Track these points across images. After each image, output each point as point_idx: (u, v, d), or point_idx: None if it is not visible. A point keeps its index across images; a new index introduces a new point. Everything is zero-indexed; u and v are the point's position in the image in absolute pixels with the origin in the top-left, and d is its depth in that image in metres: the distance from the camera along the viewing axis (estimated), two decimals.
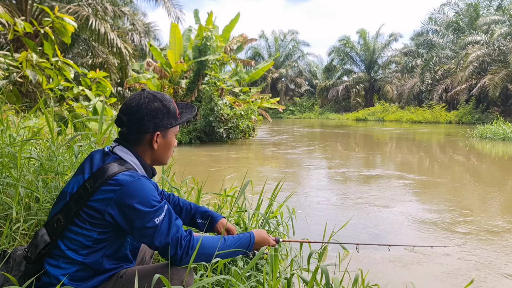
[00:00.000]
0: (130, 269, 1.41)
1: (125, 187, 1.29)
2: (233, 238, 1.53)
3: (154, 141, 1.45)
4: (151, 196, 1.32)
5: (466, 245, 3.37)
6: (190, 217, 1.82)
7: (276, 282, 1.73)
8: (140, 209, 1.29)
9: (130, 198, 1.29)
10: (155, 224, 1.30)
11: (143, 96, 1.43)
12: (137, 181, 1.32)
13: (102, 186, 1.30)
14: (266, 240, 1.64)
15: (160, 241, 1.32)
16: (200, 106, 13.70)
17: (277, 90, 46.41)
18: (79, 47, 17.37)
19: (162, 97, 1.46)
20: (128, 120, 1.40)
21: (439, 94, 29.94)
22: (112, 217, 1.31)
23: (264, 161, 9.21)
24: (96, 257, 1.34)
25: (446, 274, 2.78)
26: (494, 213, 4.48)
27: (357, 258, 2.99)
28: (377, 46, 40.20)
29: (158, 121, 1.42)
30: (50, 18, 4.06)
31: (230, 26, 15.98)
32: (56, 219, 1.33)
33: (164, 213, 1.34)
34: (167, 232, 1.33)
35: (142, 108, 1.40)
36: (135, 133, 1.42)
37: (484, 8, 30.17)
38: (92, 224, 1.31)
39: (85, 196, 1.31)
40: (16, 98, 4.67)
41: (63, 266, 1.31)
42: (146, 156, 1.48)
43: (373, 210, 4.56)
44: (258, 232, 1.65)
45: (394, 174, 7.18)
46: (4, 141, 2.82)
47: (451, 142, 14.37)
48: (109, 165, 1.35)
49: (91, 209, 1.30)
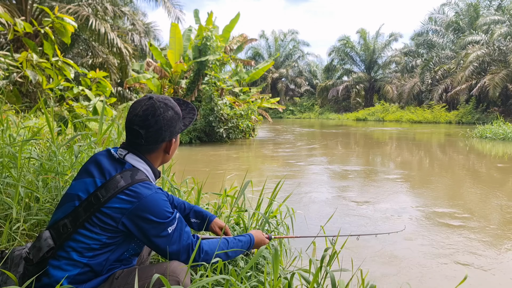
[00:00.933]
0: (126, 270, 1.40)
1: (143, 199, 1.32)
2: (236, 241, 1.61)
3: (170, 147, 1.50)
4: (165, 208, 1.37)
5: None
6: (183, 216, 1.86)
7: (278, 282, 1.73)
8: (155, 220, 1.33)
9: (147, 211, 1.33)
10: (168, 233, 1.37)
11: (157, 107, 1.41)
12: (155, 194, 1.35)
13: (118, 194, 1.31)
14: (262, 240, 1.75)
15: (172, 248, 1.38)
16: (200, 106, 13.70)
17: (277, 90, 46.42)
18: (79, 47, 17.38)
19: (171, 103, 1.47)
20: (146, 133, 1.40)
21: (439, 94, 29.95)
22: (126, 227, 1.32)
23: (264, 161, 9.21)
24: (100, 259, 1.33)
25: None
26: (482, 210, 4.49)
27: (349, 252, 2.99)
28: (377, 46, 40.22)
29: (173, 129, 1.46)
30: (50, 18, 4.06)
31: (230, 26, 15.98)
32: (62, 224, 1.32)
33: (176, 222, 1.40)
34: (178, 240, 1.39)
35: (159, 120, 1.40)
36: (153, 143, 1.43)
37: (484, 8, 30.18)
38: (103, 228, 1.31)
39: (96, 205, 1.31)
40: (16, 98, 4.67)
41: (65, 268, 1.29)
42: (158, 161, 1.52)
43: (369, 208, 4.56)
44: (256, 233, 1.74)
45: (394, 174, 7.18)
46: (4, 141, 2.82)
47: (450, 142, 14.37)
48: (122, 175, 1.36)
49: (105, 216, 1.30)
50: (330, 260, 1.84)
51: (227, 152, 10.82)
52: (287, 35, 47.95)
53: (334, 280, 1.63)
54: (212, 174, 6.61)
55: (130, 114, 1.42)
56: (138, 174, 1.38)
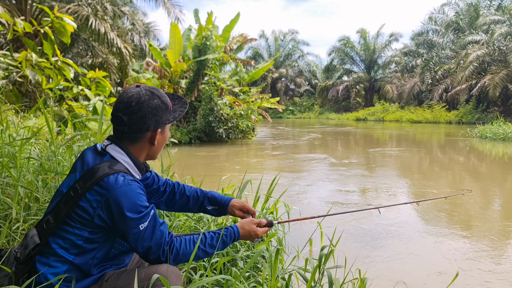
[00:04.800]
0: (117, 272, 1.37)
1: (112, 191, 1.27)
2: (216, 236, 1.48)
3: (155, 138, 1.43)
4: (138, 201, 1.30)
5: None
6: (199, 205, 1.77)
7: (276, 283, 1.73)
8: (126, 215, 1.27)
9: (117, 203, 1.27)
10: (139, 230, 1.30)
11: (142, 94, 1.38)
12: (126, 186, 1.29)
13: (93, 186, 1.28)
14: (253, 231, 1.57)
15: (143, 246, 1.31)
16: (200, 106, 13.69)
17: (277, 90, 46.36)
18: (78, 47, 17.35)
19: (159, 93, 1.43)
20: (129, 120, 1.36)
21: (439, 94, 29.92)
22: (102, 220, 1.29)
23: (264, 161, 9.21)
24: (86, 258, 1.32)
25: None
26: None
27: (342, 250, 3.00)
28: (377, 46, 40.18)
29: (159, 118, 1.40)
30: (50, 18, 4.06)
31: (230, 26, 15.98)
32: (46, 220, 1.32)
33: (149, 219, 1.32)
34: (150, 238, 1.32)
35: (143, 106, 1.36)
36: (137, 132, 1.38)
37: (484, 8, 30.14)
38: (83, 223, 1.29)
39: (75, 198, 1.29)
40: (15, 98, 4.67)
41: (53, 264, 1.29)
42: (143, 153, 1.45)
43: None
44: (243, 224, 1.57)
45: (394, 174, 7.19)
46: (4, 141, 2.82)
47: (450, 142, 14.37)
48: (99, 166, 1.32)
49: (82, 210, 1.28)
50: (327, 258, 1.86)
51: (227, 152, 10.81)
52: (287, 35, 47.91)
53: (331, 278, 1.67)
54: (212, 174, 6.62)
55: (116, 102, 1.41)
56: (117, 166, 1.33)
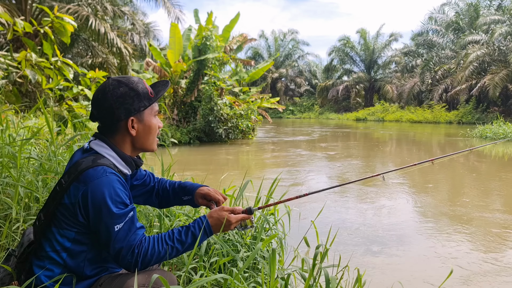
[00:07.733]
0: (111, 276, 1.36)
1: (90, 183, 1.24)
2: (184, 230, 1.39)
3: (130, 127, 1.37)
4: (115, 196, 1.25)
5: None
6: (178, 198, 1.70)
7: (275, 283, 1.74)
8: (101, 209, 1.24)
9: (94, 197, 1.23)
10: (114, 230, 1.25)
11: (107, 84, 1.35)
12: (104, 178, 1.25)
13: (74, 180, 1.26)
14: (223, 218, 1.43)
15: (114, 248, 1.27)
16: (200, 106, 13.69)
17: (277, 90, 46.37)
18: (78, 47, 17.37)
19: (128, 80, 1.38)
20: (98, 113, 1.35)
21: (439, 94, 29.92)
22: (82, 215, 1.26)
23: (264, 161, 9.22)
24: (77, 261, 1.30)
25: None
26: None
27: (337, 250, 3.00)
28: (377, 46, 40.18)
29: (128, 106, 1.34)
30: (50, 18, 4.06)
31: (230, 26, 15.98)
32: (38, 217, 1.33)
33: (126, 220, 1.28)
34: (123, 239, 1.27)
35: (108, 96, 1.33)
36: (109, 123, 1.36)
37: (484, 8, 30.13)
38: (69, 224, 1.28)
39: (60, 192, 1.28)
40: (15, 98, 4.67)
41: (49, 267, 1.29)
42: (126, 146, 1.41)
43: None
44: (211, 213, 1.45)
45: (395, 175, 7.19)
46: (4, 141, 2.82)
47: (450, 142, 14.37)
48: (84, 160, 1.30)
49: (64, 207, 1.27)
50: (322, 257, 1.87)
51: (227, 152, 10.82)
52: (286, 35, 47.91)
53: (328, 276, 1.71)
54: (212, 174, 6.62)
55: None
56: (101, 160, 1.31)
